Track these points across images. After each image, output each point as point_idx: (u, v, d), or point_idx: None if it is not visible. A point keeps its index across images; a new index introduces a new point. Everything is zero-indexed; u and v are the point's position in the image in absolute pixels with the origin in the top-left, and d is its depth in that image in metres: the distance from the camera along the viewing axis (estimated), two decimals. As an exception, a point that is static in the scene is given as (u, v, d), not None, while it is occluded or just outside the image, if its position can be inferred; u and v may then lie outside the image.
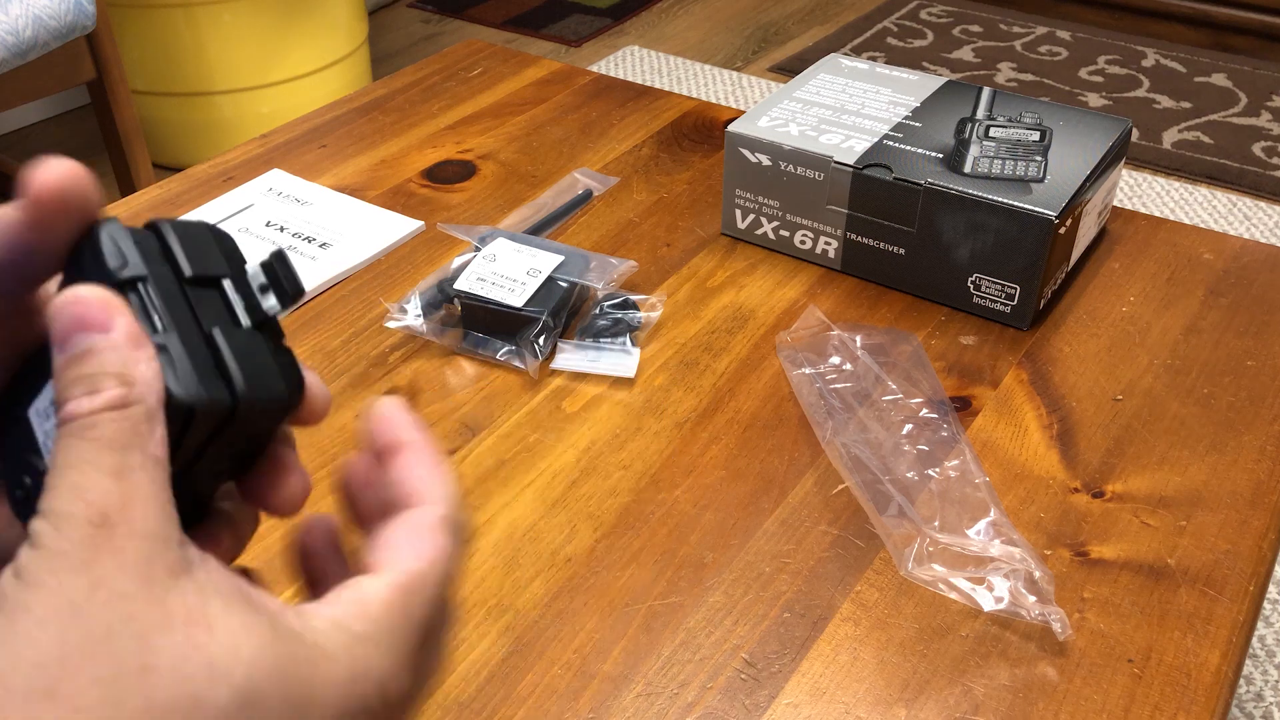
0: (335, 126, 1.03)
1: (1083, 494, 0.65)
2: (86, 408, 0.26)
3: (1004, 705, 0.53)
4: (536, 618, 0.58)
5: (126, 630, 0.24)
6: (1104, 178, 0.81)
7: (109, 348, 0.27)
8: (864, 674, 0.55)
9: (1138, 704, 0.53)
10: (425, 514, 0.31)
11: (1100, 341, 0.77)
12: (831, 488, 0.65)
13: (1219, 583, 0.59)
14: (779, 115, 0.85)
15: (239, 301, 0.30)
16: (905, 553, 0.60)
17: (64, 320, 0.27)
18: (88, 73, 1.54)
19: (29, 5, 1.39)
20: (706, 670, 0.55)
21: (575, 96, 1.08)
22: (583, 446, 0.68)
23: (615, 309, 0.77)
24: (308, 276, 0.82)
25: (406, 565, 0.30)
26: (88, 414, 0.26)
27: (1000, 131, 0.82)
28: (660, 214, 0.90)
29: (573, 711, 0.53)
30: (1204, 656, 0.56)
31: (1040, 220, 0.74)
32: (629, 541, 0.62)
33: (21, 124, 2.23)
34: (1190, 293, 0.81)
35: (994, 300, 0.78)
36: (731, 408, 0.71)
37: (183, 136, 2.03)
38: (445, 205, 0.92)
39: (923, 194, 0.77)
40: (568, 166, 0.97)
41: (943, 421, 0.68)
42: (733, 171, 0.85)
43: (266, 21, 1.94)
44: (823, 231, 0.83)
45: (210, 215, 0.89)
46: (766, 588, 0.59)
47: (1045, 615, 0.56)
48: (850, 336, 0.74)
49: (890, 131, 0.82)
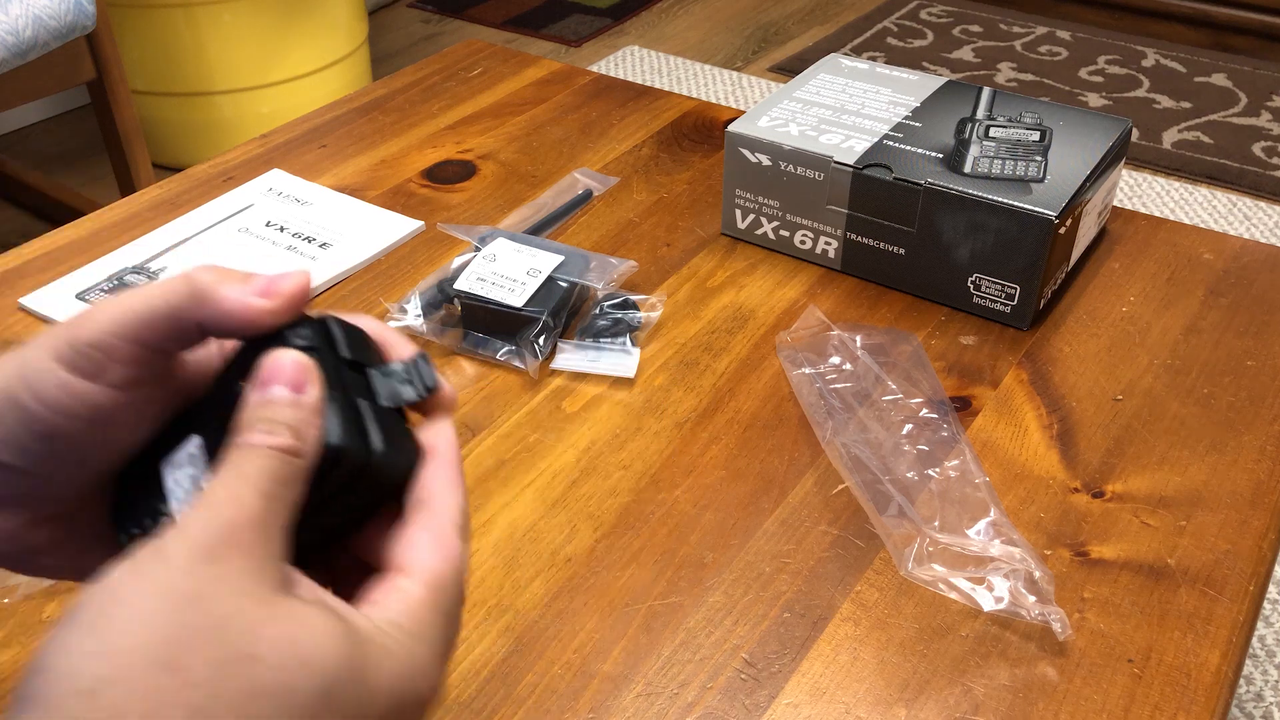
0: (335, 126, 1.03)
1: (1083, 494, 0.65)
2: (261, 442, 0.32)
3: (1004, 705, 0.53)
4: (536, 618, 0.58)
5: (240, 621, 0.28)
6: (1104, 178, 0.81)
7: (296, 405, 0.33)
8: (864, 674, 0.55)
9: (1138, 704, 0.53)
10: (443, 517, 0.35)
11: (1100, 341, 0.77)
12: (831, 488, 0.65)
13: (1219, 583, 0.59)
14: (779, 115, 0.85)
15: (381, 385, 0.37)
16: (905, 553, 0.60)
17: (272, 368, 0.34)
18: (88, 73, 1.54)
19: (29, 5, 1.39)
20: (706, 670, 0.55)
21: (575, 96, 1.08)
22: (583, 446, 0.68)
23: (615, 309, 0.77)
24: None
25: (433, 566, 0.34)
26: (261, 446, 0.32)
27: (1000, 131, 0.82)
28: (660, 214, 0.90)
29: (573, 711, 0.53)
30: (1204, 656, 0.56)
31: (1040, 220, 0.74)
32: (629, 541, 0.62)
33: (21, 124, 2.23)
34: (1190, 293, 0.81)
35: (994, 300, 0.78)
36: (731, 408, 0.71)
37: (183, 136, 2.03)
38: (445, 205, 0.92)
39: (923, 194, 0.77)
40: (568, 166, 0.97)
41: (943, 421, 0.68)
42: (733, 171, 0.85)
43: (266, 21, 1.94)
44: (823, 231, 0.83)
45: (210, 215, 0.89)
46: (766, 588, 0.59)
47: (1045, 615, 0.56)
48: (850, 336, 0.74)
49: (890, 131, 0.82)
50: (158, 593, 0.28)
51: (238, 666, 0.28)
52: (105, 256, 0.84)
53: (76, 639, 0.28)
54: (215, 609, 0.28)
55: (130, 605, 0.28)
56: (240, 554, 0.30)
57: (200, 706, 0.27)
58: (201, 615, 0.28)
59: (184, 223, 0.88)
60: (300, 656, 0.29)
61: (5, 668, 0.55)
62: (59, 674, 0.27)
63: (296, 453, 0.33)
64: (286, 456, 0.32)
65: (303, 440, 0.33)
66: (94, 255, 0.84)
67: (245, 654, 0.28)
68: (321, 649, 0.29)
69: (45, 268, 0.83)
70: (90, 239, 0.87)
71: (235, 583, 0.29)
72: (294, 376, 0.34)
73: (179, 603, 0.28)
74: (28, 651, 0.56)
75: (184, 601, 0.28)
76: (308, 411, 0.34)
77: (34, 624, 0.57)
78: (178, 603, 0.28)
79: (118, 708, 0.27)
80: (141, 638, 0.28)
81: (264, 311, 0.35)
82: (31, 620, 0.57)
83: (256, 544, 0.30)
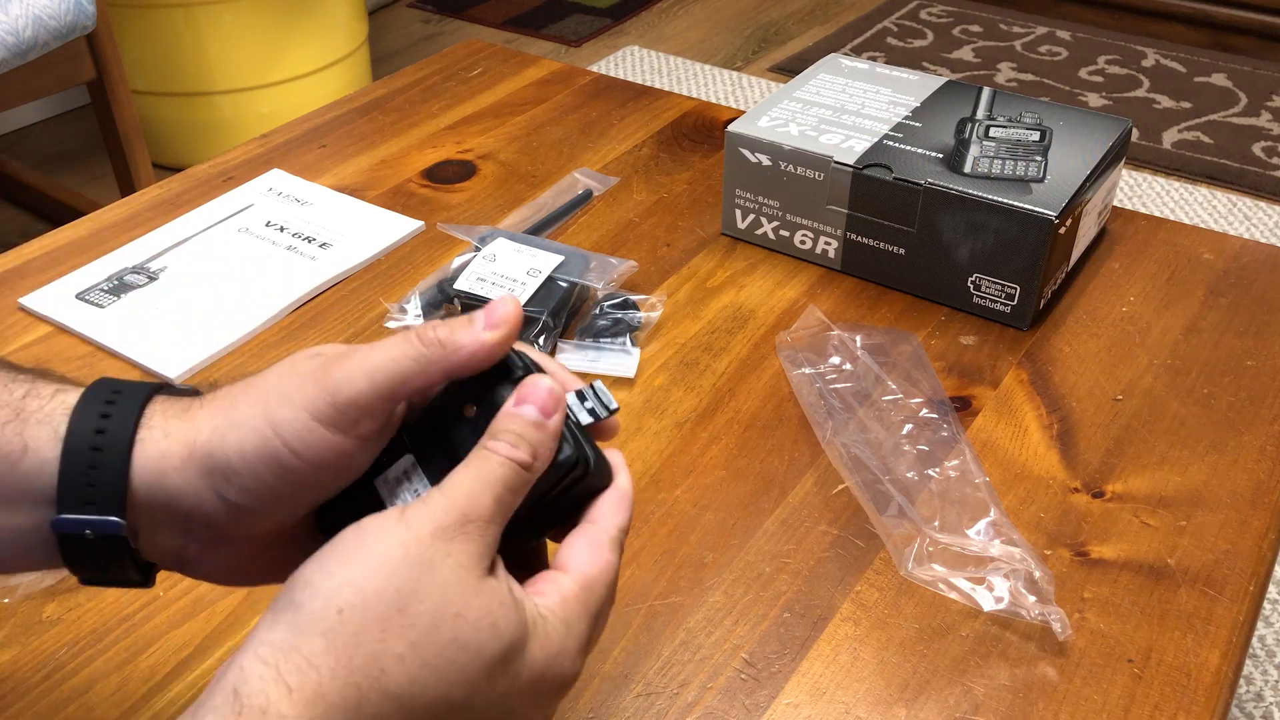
0: (335, 126, 1.03)
1: (1083, 494, 0.65)
2: (505, 453, 0.39)
3: (1004, 705, 0.53)
4: (536, 618, 0.58)
5: (456, 589, 0.36)
6: (1104, 178, 0.81)
7: (541, 428, 0.40)
8: (864, 674, 0.55)
9: (1138, 704, 0.53)
10: (602, 531, 0.42)
11: (1100, 341, 0.77)
12: (831, 488, 0.65)
13: (1219, 583, 0.59)
14: (779, 115, 0.85)
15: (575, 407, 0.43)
16: (905, 553, 0.60)
17: (530, 390, 0.40)
18: (88, 73, 1.54)
19: (29, 5, 1.39)
20: (706, 670, 0.55)
21: (575, 96, 1.08)
22: (583, 446, 0.68)
23: (615, 309, 0.77)
24: (307, 276, 0.82)
25: (586, 569, 0.41)
26: (504, 457, 0.39)
27: (1000, 131, 0.82)
28: (660, 214, 0.90)
29: (573, 711, 0.53)
30: (1204, 656, 0.56)
31: (1040, 220, 0.74)
32: (629, 541, 0.62)
33: (21, 124, 2.23)
34: (1190, 293, 0.81)
35: (994, 300, 0.78)
36: (731, 408, 0.71)
37: (183, 136, 2.03)
38: (445, 205, 0.92)
39: (923, 194, 0.77)
40: (568, 166, 0.96)
41: (943, 421, 0.68)
42: (733, 171, 0.85)
43: (266, 21, 1.94)
44: (823, 231, 0.83)
45: (210, 215, 0.89)
46: (766, 588, 0.59)
47: (1045, 615, 0.56)
48: (850, 336, 0.74)
49: (890, 131, 0.82)
50: (401, 551, 0.36)
51: (449, 620, 0.36)
52: (105, 256, 0.84)
53: (336, 567, 0.36)
54: (440, 576, 0.36)
55: (379, 555, 0.36)
56: (466, 539, 0.37)
57: (416, 641, 0.36)
58: (431, 577, 0.36)
59: (184, 223, 0.88)
60: (492, 623, 0.37)
61: (5, 668, 0.55)
62: (320, 591, 0.36)
63: (529, 468, 0.39)
64: (520, 470, 0.39)
65: (537, 459, 0.40)
66: (94, 255, 0.84)
67: (455, 612, 0.36)
68: (507, 620, 0.37)
69: (45, 268, 0.83)
70: (90, 239, 0.87)
71: (458, 559, 0.37)
72: (545, 402, 0.40)
73: (415, 563, 0.36)
74: (28, 651, 0.56)
75: (420, 563, 0.36)
76: (549, 435, 0.40)
77: (34, 624, 0.57)
78: (415, 562, 0.36)
79: (360, 627, 0.35)
80: (384, 581, 0.36)
81: (496, 343, 0.40)
82: (31, 620, 0.57)
83: (480, 535, 0.38)
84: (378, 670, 0.35)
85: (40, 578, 0.59)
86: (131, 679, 0.55)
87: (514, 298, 0.41)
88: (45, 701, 0.53)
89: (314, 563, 0.37)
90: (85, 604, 0.58)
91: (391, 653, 0.35)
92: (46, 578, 0.59)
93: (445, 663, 0.36)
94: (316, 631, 0.35)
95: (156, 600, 0.58)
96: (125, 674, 0.55)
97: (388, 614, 0.35)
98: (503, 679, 0.37)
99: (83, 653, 0.56)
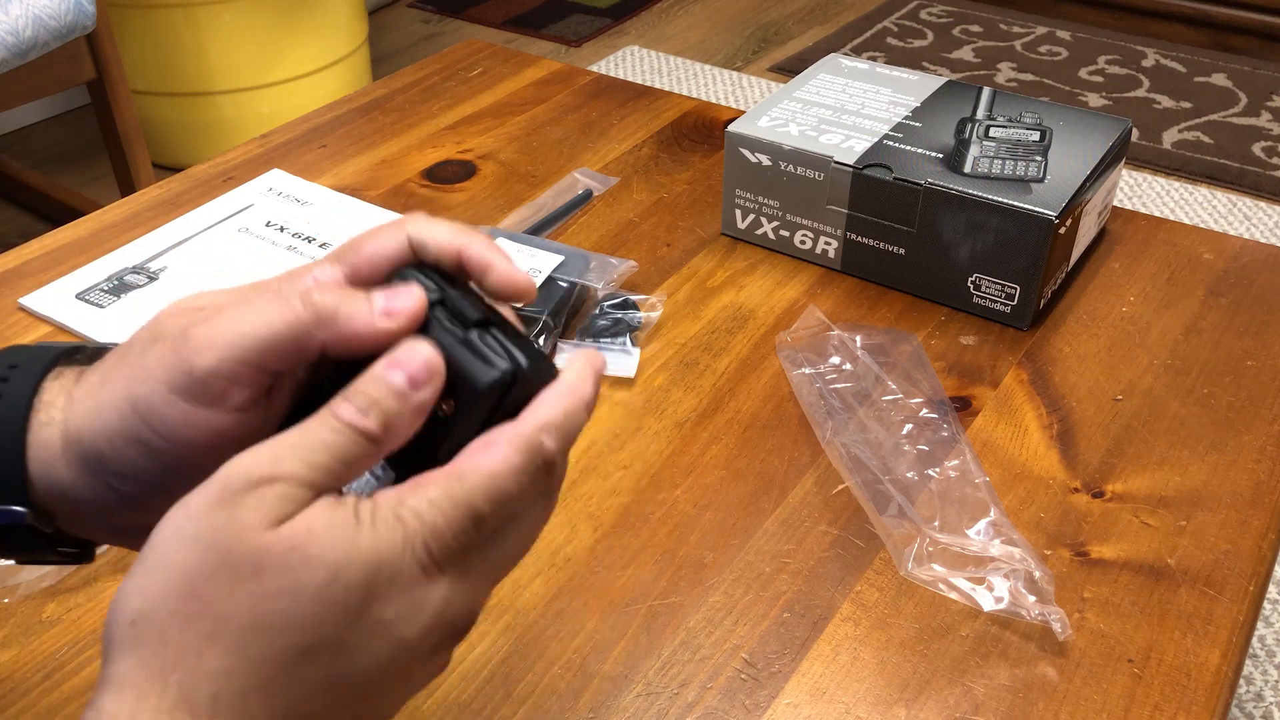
0: (335, 126, 1.03)
1: (1083, 494, 0.65)
2: (347, 417, 0.33)
3: (1004, 705, 0.53)
4: (536, 618, 0.58)
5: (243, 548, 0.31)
6: (1104, 178, 0.81)
7: (403, 399, 0.33)
8: (864, 674, 0.55)
9: (1138, 704, 0.53)
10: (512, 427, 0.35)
11: (1100, 341, 0.77)
12: (831, 488, 0.65)
13: (1219, 583, 0.59)
14: (779, 115, 0.85)
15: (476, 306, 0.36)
16: (905, 553, 0.60)
17: (407, 356, 0.34)
18: (88, 73, 1.54)
19: (29, 5, 1.39)
20: (706, 670, 0.55)
21: (575, 96, 1.08)
22: (583, 446, 0.68)
23: (615, 309, 0.77)
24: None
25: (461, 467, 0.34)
26: (344, 421, 0.33)
27: (1000, 131, 0.82)
28: (660, 214, 0.90)
29: (573, 711, 0.53)
30: (1204, 656, 0.56)
31: (1040, 220, 0.74)
32: (629, 541, 0.62)
33: (21, 124, 2.23)
34: (1190, 293, 0.81)
35: (994, 300, 0.78)
36: (731, 408, 0.71)
37: (183, 136, 2.03)
38: (445, 205, 0.92)
39: (923, 194, 0.77)
40: (568, 166, 0.96)
41: (943, 421, 0.68)
42: (733, 171, 0.85)
43: (266, 21, 1.94)
44: (823, 231, 0.83)
45: (210, 215, 0.89)
46: (766, 588, 0.59)
47: (1045, 615, 0.56)
48: (850, 336, 0.74)
49: (890, 131, 0.82)
50: (177, 536, 0.32)
51: (247, 583, 0.31)
52: (105, 256, 0.84)
53: (126, 581, 0.33)
54: (221, 543, 0.32)
55: (158, 548, 0.32)
56: (258, 501, 0.32)
57: (222, 615, 0.31)
58: (210, 548, 0.32)
59: (184, 223, 0.88)
60: (303, 556, 0.32)
61: (5, 668, 0.55)
62: (113, 611, 0.32)
63: (375, 441, 0.33)
64: (363, 442, 0.33)
65: (387, 434, 0.33)
66: (94, 255, 0.84)
67: (251, 572, 0.31)
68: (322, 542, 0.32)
69: (45, 268, 0.83)
70: (90, 239, 0.87)
71: (243, 519, 0.32)
72: (417, 373, 0.34)
73: (192, 540, 0.32)
74: (28, 651, 0.56)
75: (197, 540, 0.32)
76: (409, 411, 0.34)
77: (34, 624, 0.57)
78: (192, 540, 0.32)
79: (156, 630, 0.31)
80: (166, 574, 0.32)
81: (388, 333, 0.35)
82: (31, 620, 0.57)
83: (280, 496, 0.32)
84: (193, 658, 0.31)
85: (40, 578, 0.59)
86: (131, 679, 0.54)
87: (423, 292, 0.35)
88: (45, 701, 0.53)
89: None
90: (85, 604, 0.58)
91: (200, 635, 0.31)
92: (46, 578, 0.59)
93: (265, 618, 0.32)
94: (120, 654, 0.32)
95: (156, 600, 0.58)
96: (125, 674, 0.55)
97: (180, 603, 0.31)
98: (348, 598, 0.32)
99: (83, 653, 0.56)
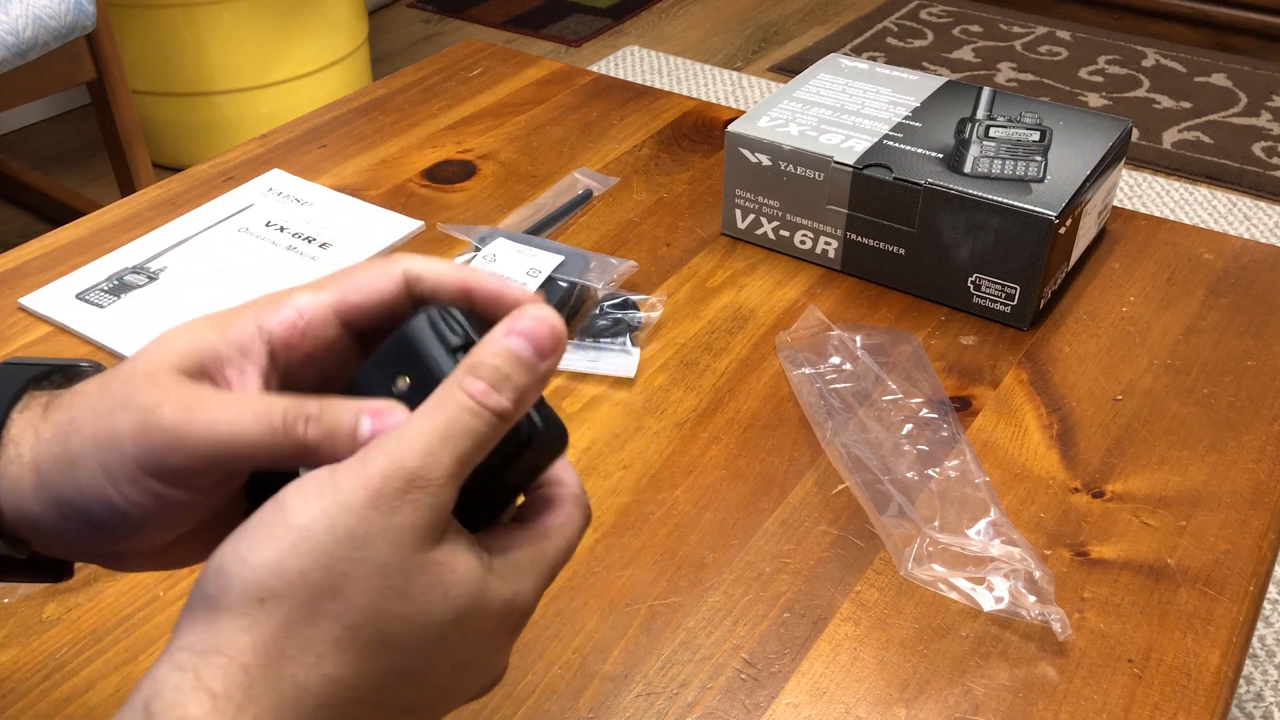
0: (335, 126, 1.03)
1: (1083, 494, 0.65)
2: (481, 397, 0.32)
3: (1004, 705, 0.53)
4: (536, 618, 0.58)
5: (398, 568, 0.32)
6: (1104, 178, 0.81)
7: (533, 371, 0.33)
8: (864, 674, 0.55)
9: (1138, 704, 0.53)
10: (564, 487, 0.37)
11: (1100, 341, 0.77)
12: (831, 488, 0.65)
13: (1219, 583, 0.59)
14: (779, 115, 0.85)
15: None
16: (905, 553, 0.60)
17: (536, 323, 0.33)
18: (88, 73, 1.54)
19: (29, 5, 1.39)
20: (706, 670, 0.55)
21: (575, 96, 1.08)
22: (583, 446, 0.68)
23: (615, 309, 0.77)
24: (307, 276, 0.82)
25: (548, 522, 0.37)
26: (477, 400, 0.32)
27: (1000, 131, 0.82)
28: (660, 214, 0.90)
29: (573, 711, 0.53)
30: (1204, 656, 0.56)
31: (1040, 220, 0.74)
32: (629, 541, 0.62)
33: (21, 124, 2.23)
34: (1190, 293, 0.81)
35: (994, 300, 0.78)
36: (731, 408, 0.71)
37: (183, 136, 2.03)
38: (445, 205, 0.92)
39: (923, 194, 0.77)
40: (568, 166, 0.96)
41: (943, 421, 0.68)
42: (733, 171, 0.85)
43: (266, 21, 1.94)
44: (823, 231, 0.83)
45: (210, 215, 0.89)
46: (766, 588, 0.59)
47: (1045, 615, 0.56)
48: (850, 336, 0.74)
49: (890, 131, 0.82)
50: (329, 526, 0.31)
51: (391, 600, 0.32)
52: (105, 256, 0.84)
53: (251, 550, 0.31)
54: (378, 555, 0.31)
55: (301, 530, 0.31)
56: (412, 510, 0.31)
57: (355, 624, 0.31)
58: (366, 556, 0.31)
59: (184, 223, 0.88)
60: (442, 591, 0.32)
61: (5, 668, 0.55)
62: (236, 581, 0.31)
63: (505, 417, 0.32)
64: (497, 422, 0.32)
65: (519, 409, 0.33)
66: (94, 255, 0.84)
67: (397, 592, 0.32)
68: (460, 588, 0.33)
69: (45, 268, 0.83)
70: (90, 239, 0.87)
71: (398, 536, 0.31)
72: (550, 342, 0.33)
73: (347, 539, 0.31)
74: (28, 651, 0.56)
75: (351, 540, 0.31)
76: (537, 382, 0.33)
77: (34, 624, 0.57)
78: (346, 539, 0.31)
79: (288, 615, 0.31)
80: (311, 560, 0.31)
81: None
82: (31, 620, 0.57)
83: (430, 504, 0.32)
84: (313, 657, 0.31)
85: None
86: (131, 679, 0.54)
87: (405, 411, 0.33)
88: (45, 701, 0.53)
89: (227, 547, 0.32)
90: (85, 604, 0.58)
91: (328, 637, 0.31)
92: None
93: (389, 638, 0.32)
94: (239, 627, 0.31)
95: (156, 600, 0.58)
96: (125, 674, 0.55)
97: (318, 599, 0.31)
98: (457, 639, 0.33)
99: (83, 653, 0.56)
